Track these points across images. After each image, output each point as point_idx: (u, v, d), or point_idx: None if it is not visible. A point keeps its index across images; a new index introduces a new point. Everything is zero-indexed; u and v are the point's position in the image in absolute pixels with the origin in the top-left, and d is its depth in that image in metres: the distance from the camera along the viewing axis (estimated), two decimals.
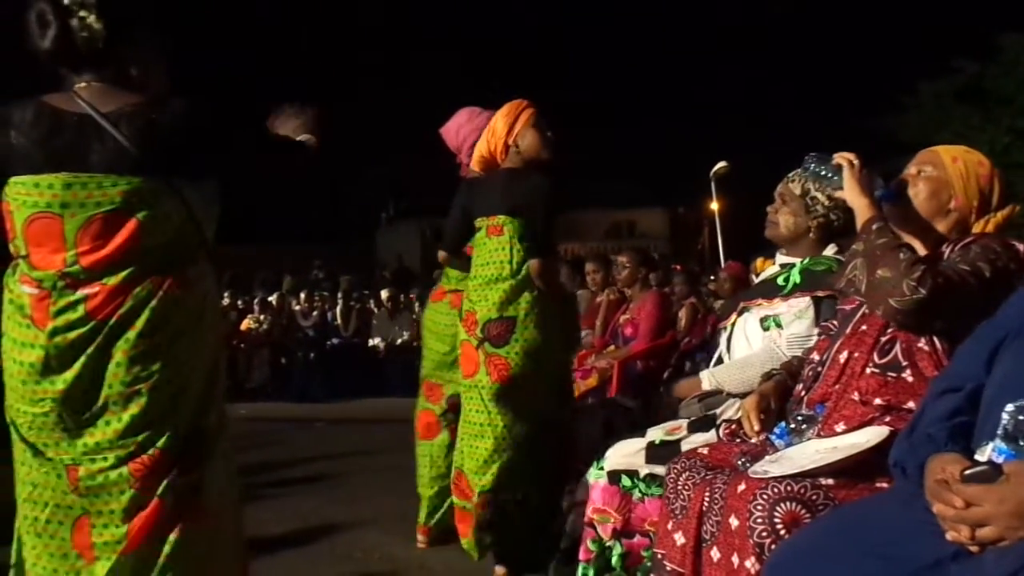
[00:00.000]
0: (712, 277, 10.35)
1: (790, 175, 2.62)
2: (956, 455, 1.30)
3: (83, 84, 1.93)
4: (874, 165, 2.08)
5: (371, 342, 10.90)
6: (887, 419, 1.81)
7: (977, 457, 1.29)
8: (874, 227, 1.91)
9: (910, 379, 1.85)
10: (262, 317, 10.79)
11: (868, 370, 1.90)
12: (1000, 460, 1.22)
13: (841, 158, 2.04)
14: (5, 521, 2.16)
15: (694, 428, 2.39)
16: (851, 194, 2.00)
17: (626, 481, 2.34)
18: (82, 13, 1.87)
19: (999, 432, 1.22)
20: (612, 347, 4.99)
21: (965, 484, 1.21)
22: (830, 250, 2.58)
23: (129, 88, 1.94)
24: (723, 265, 8.73)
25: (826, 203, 2.55)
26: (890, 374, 1.87)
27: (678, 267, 8.91)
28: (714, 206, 13.10)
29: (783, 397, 2.14)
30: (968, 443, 1.33)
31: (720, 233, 12.01)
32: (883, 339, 1.91)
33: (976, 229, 1.99)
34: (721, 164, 12.76)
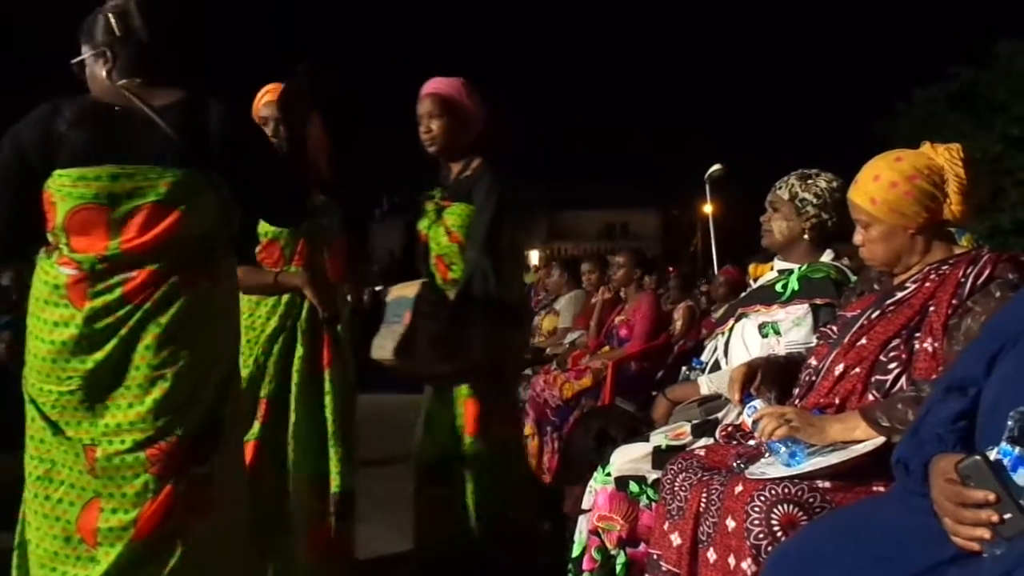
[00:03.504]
0: (704, 280, 10.35)
1: (778, 183, 2.64)
2: (964, 456, 1.30)
3: (127, 83, 2.00)
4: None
5: None
6: None
7: None
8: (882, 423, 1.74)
9: None
10: None
11: (869, 395, 1.88)
12: (1005, 461, 1.23)
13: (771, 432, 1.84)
14: (5, 506, 2.17)
15: (698, 432, 2.37)
16: (839, 437, 1.81)
17: (634, 487, 2.28)
18: (134, 19, 1.98)
19: (1006, 435, 1.24)
20: (607, 348, 5.00)
21: (963, 480, 1.23)
22: (827, 256, 2.60)
23: (171, 88, 2.02)
24: (716, 268, 8.76)
25: (815, 202, 2.57)
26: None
27: (672, 270, 8.93)
28: (708, 208, 13.12)
29: (775, 371, 2.14)
30: (973, 447, 1.35)
31: (713, 236, 12.02)
32: (883, 359, 1.89)
33: (948, 217, 1.93)
34: (716, 166, 12.77)
